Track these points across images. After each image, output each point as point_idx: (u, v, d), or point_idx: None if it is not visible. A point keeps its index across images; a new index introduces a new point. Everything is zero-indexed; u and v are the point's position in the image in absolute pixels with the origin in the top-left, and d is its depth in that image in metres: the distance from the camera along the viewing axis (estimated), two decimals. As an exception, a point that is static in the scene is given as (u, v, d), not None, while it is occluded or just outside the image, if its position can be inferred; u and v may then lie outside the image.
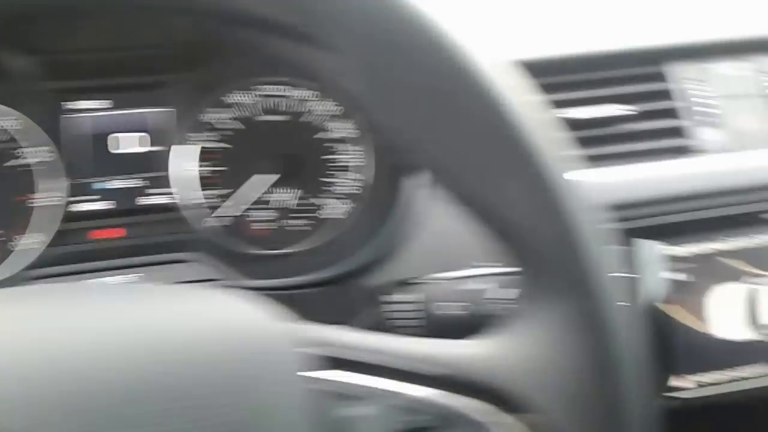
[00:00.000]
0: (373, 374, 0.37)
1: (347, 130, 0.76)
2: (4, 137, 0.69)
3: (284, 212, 0.76)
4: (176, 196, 0.74)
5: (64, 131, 0.70)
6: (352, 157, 0.76)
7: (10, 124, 0.69)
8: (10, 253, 0.70)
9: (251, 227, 0.76)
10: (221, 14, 0.60)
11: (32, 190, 0.70)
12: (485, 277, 0.63)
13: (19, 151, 0.70)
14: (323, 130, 0.76)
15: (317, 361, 0.36)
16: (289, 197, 0.76)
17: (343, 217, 0.76)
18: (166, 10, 0.48)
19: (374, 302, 0.64)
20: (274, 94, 0.75)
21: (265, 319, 0.35)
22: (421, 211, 0.70)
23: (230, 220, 0.75)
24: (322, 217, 0.76)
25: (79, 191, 0.71)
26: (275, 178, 0.75)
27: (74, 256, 0.70)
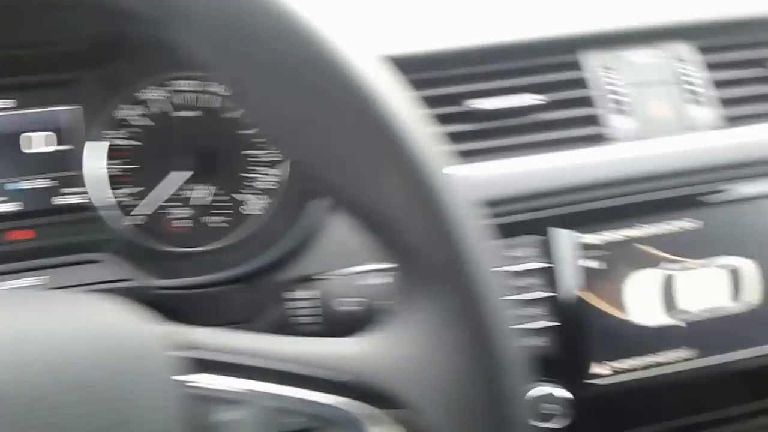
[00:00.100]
0: (248, 376, 0.36)
1: None
2: None
3: (202, 209, 0.75)
4: (90, 195, 0.72)
5: None
6: (267, 152, 0.76)
7: None
8: None
9: (168, 225, 0.75)
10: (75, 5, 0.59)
11: None
12: (382, 272, 0.63)
13: None
14: (238, 125, 0.75)
15: (191, 364, 0.35)
16: (205, 194, 0.75)
17: (260, 213, 0.76)
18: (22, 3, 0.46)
19: (278, 299, 0.63)
20: (188, 89, 0.74)
21: (136, 322, 0.35)
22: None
23: (146, 218, 0.74)
24: (239, 213, 0.76)
25: None
26: (190, 174, 0.74)
27: None
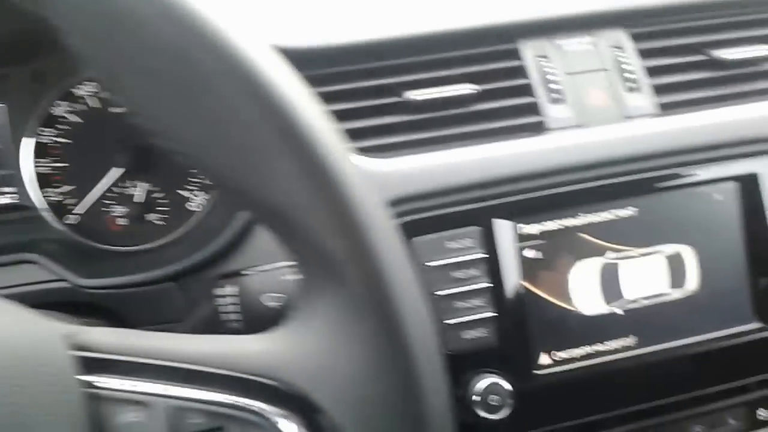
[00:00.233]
0: (149, 377, 0.36)
1: None
2: None
3: (140, 207, 0.74)
4: (24, 194, 0.72)
5: None
6: None
7: None
8: None
9: (106, 223, 0.74)
10: None
11: None
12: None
13: None
14: None
15: (91, 365, 0.35)
16: (143, 191, 0.74)
17: (198, 209, 0.75)
18: None
19: (209, 296, 0.62)
20: None
21: (34, 323, 0.34)
22: None
23: (82, 217, 0.73)
24: (178, 210, 0.75)
25: None
26: (124, 172, 0.73)
27: None
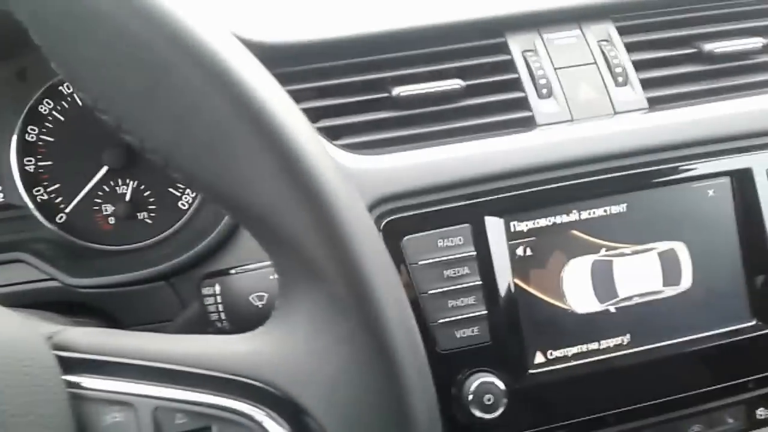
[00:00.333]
0: (135, 377, 0.35)
1: None
2: None
3: (128, 205, 0.74)
4: (9, 193, 0.71)
5: None
6: None
7: None
8: None
9: (94, 222, 0.74)
10: None
11: None
12: None
13: None
14: None
15: (76, 364, 0.34)
16: (130, 189, 0.74)
17: (186, 207, 0.74)
18: None
19: (197, 296, 0.62)
20: None
21: (15, 323, 0.34)
22: None
23: (68, 216, 0.73)
24: (166, 208, 0.74)
25: None
26: (110, 170, 0.73)
27: None
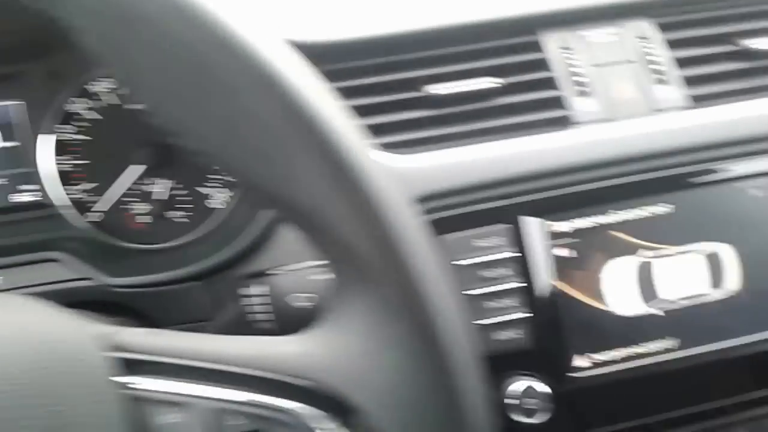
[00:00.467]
0: (190, 378, 0.35)
1: None
2: None
3: (162, 204, 0.73)
4: (45, 192, 0.71)
5: None
6: None
7: None
8: None
9: (128, 221, 0.73)
10: None
11: None
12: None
13: None
14: None
15: (130, 365, 0.34)
16: (165, 188, 0.73)
17: (222, 206, 0.73)
18: None
19: (235, 296, 0.61)
20: None
21: (69, 324, 0.34)
22: None
23: (104, 215, 0.72)
24: (201, 207, 0.73)
25: None
26: (145, 169, 0.72)
27: None
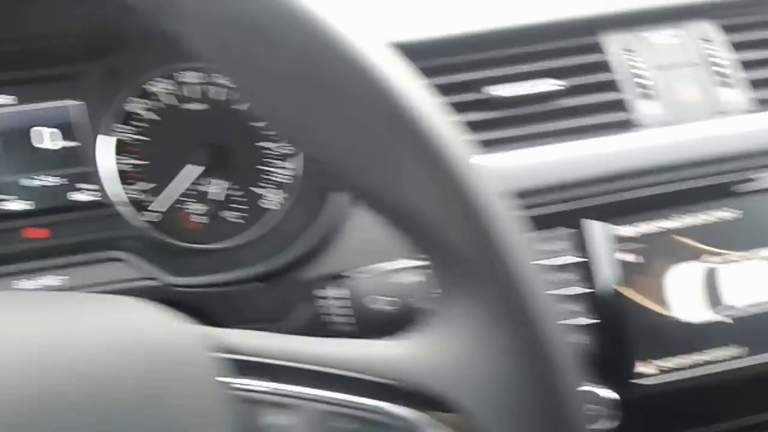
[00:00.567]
0: (295, 380, 0.35)
1: None
2: None
3: (217, 204, 0.73)
4: (104, 192, 0.70)
5: None
6: (280, 144, 0.73)
7: None
8: None
9: (184, 221, 0.72)
10: None
11: None
12: (417, 269, 0.59)
13: None
14: (248, 117, 0.72)
15: (236, 367, 0.34)
16: (220, 189, 0.72)
17: (277, 207, 0.73)
18: None
19: (308, 298, 0.60)
20: (194, 81, 0.72)
21: (174, 324, 0.33)
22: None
23: (161, 215, 0.72)
24: (256, 208, 0.73)
25: (4, 190, 0.69)
26: (203, 169, 0.71)
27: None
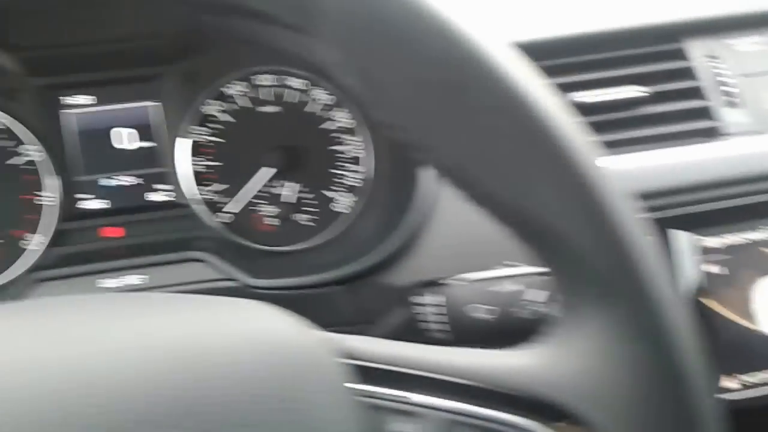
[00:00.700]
0: (420, 389, 0.35)
1: (345, 120, 0.73)
2: (5, 135, 0.69)
3: (289, 207, 0.73)
4: (180, 192, 0.72)
5: (64, 128, 0.69)
6: (352, 147, 0.73)
7: (8, 121, 0.69)
8: (22, 251, 0.69)
9: (256, 223, 0.73)
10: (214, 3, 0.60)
11: (38, 188, 0.69)
12: (517, 278, 0.58)
13: (21, 148, 0.69)
14: (325, 119, 0.73)
15: (361, 373, 0.34)
16: (292, 191, 0.73)
17: (347, 211, 0.73)
18: None
19: (401, 303, 0.60)
20: (268, 84, 0.72)
21: (297, 328, 0.33)
22: (441, 204, 0.66)
23: (234, 216, 0.73)
24: (327, 211, 0.73)
25: (83, 189, 0.70)
26: (276, 171, 0.72)
27: (78, 256, 0.69)
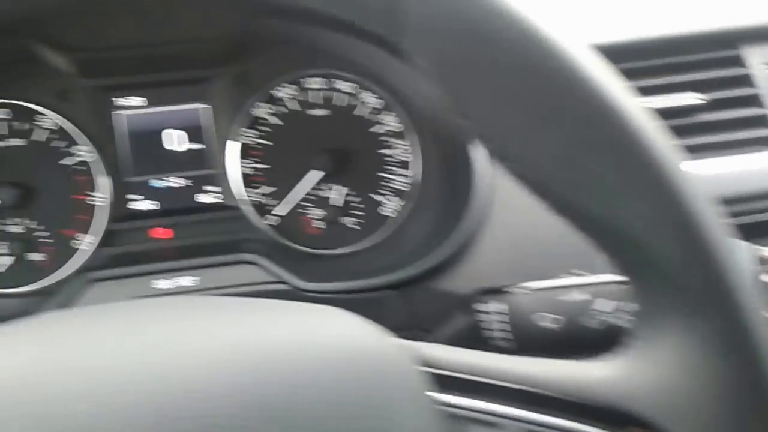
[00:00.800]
0: (499, 399, 0.34)
1: (394, 123, 0.73)
2: (57, 135, 0.69)
3: (336, 210, 0.73)
4: (229, 194, 0.72)
5: (116, 129, 0.70)
6: (400, 151, 0.73)
7: (61, 122, 0.69)
8: (74, 251, 0.70)
9: (303, 226, 0.73)
10: (286, 7, 0.59)
11: (90, 188, 0.70)
12: (585, 287, 0.56)
13: (74, 148, 0.70)
14: (373, 123, 0.73)
15: (444, 382, 0.34)
16: (339, 195, 0.73)
17: (394, 215, 0.73)
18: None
19: (463, 309, 0.59)
20: (317, 87, 0.72)
21: (375, 336, 0.33)
22: (497, 210, 0.66)
23: (281, 219, 0.73)
24: (373, 215, 0.73)
25: (133, 189, 0.71)
26: (324, 175, 0.72)
27: (127, 257, 0.69)
